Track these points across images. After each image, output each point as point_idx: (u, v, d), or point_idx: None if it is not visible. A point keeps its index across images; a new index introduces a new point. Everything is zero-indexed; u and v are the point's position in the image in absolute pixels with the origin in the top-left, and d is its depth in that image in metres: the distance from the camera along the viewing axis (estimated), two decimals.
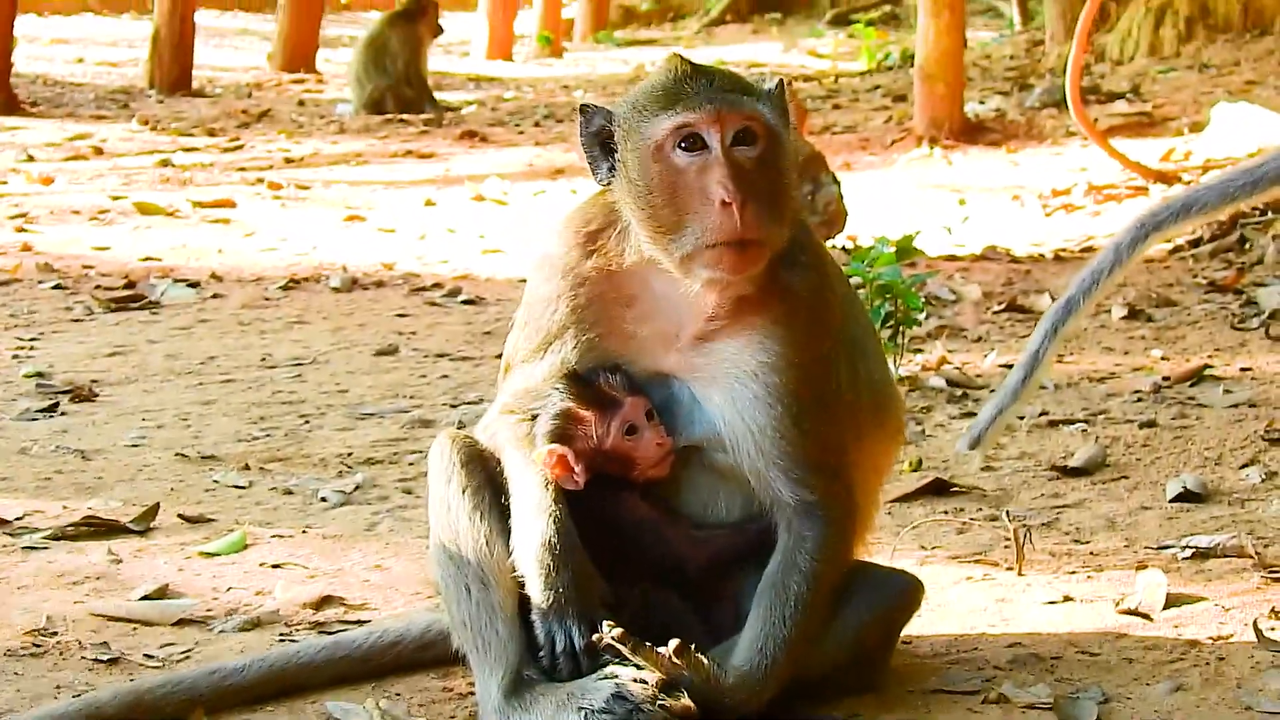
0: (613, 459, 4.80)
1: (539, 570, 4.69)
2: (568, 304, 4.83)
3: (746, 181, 4.55)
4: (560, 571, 4.66)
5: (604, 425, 4.78)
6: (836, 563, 4.77)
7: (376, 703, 4.90)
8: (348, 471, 7.38)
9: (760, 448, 4.72)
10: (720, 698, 4.58)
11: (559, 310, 4.85)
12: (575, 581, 4.67)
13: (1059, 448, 7.49)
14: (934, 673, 5.08)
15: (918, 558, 6.09)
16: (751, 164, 4.59)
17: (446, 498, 4.87)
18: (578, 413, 4.79)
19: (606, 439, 4.79)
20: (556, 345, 4.85)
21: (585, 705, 4.59)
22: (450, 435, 4.99)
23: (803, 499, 4.72)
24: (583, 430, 4.80)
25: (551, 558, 4.68)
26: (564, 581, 4.66)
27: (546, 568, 4.68)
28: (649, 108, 4.66)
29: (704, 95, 4.60)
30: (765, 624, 4.66)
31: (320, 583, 6.00)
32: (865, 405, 4.91)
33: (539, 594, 4.69)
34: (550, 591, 4.67)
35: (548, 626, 4.68)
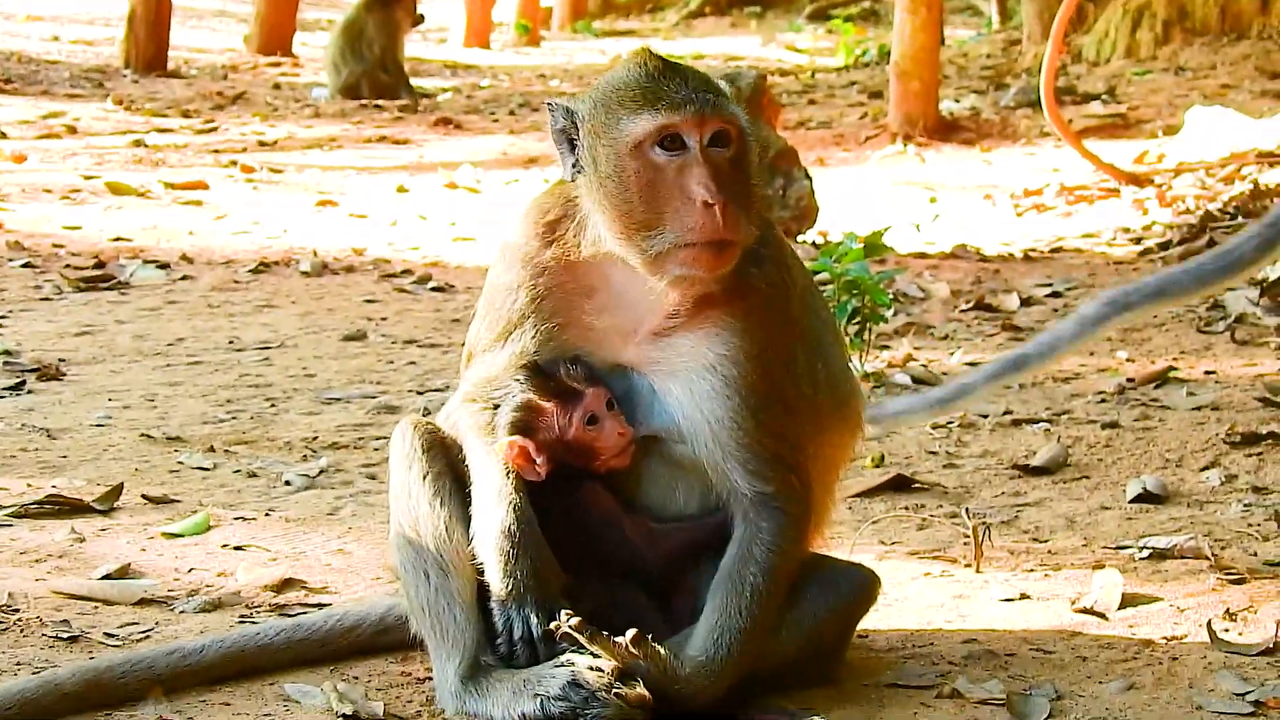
0: (574, 450, 4.83)
1: (498, 558, 4.72)
2: (527, 293, 4.86)
3: (724, 182, 4.59)
4: (519, 559, 4.70)
5: (565, 416, 4.81)
6: (792, 554, 4.81)
7: (334, 686, 4.92)
8: (312, 455, 7.40)
9: (718, 439, 4.76)
10: (676, 687, 4.62)
11: (519, 299, 4.88)
12: (534, 570, 4.70)
13: (1021, 446, 7.54)
14: (889, 667, 5.13)
15: (877, 552, 6.13)
16: (726, 165, 4.62)
17: (407, 484, 4.91)
18: (539, 404, 4.82)
19: (568, 430, 4.82)
20: (516, 334, 4.88)
21: (541, 692, 4.63)
22: (412, 422, 5.02)
23: (759, 491, 4.76)
24: (544, 421, 4.82)
25: (511, 545, 4.71)
26: (523, 569, 4.69)
27: (506, 555, 4.71)
28: (624, 105, 4.66)
29: (685, 96, 4.61)
30: (721, 615, 4.70)
31: (282, 565, 6.02)
32: (824, 398, 4.95)
33: (498, 582, 4.72)
34: (509, 579, 4.70)
35: (506, 614, 4.71)
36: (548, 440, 4.81)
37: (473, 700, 4.74)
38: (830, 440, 5.00)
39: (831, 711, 4.72)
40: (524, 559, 4.70)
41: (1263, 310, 10.09)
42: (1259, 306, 10.15)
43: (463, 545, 4.81)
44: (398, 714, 4.84)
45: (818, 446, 4.93)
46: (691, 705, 4.65)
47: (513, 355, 4.89)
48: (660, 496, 4.88)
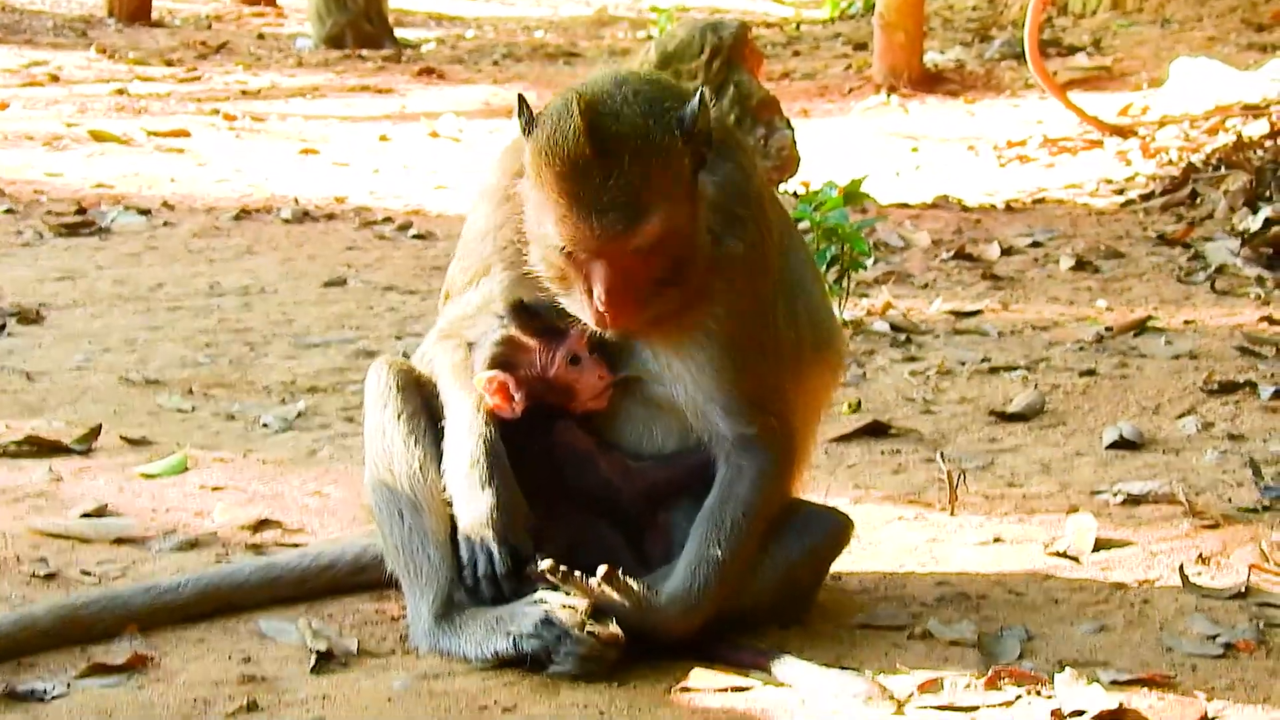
0: (554, 389, 4.83)
1: (465, 489, 4.73)
2: (502, 234, 4.86)
3: (628, 280, 4.52)
4: (485, 490, 4.71)
5: (548, 355, 4.82)
6: (774, 493, 4.83)
7: (309, 623, 4.93)
8: (291, 399, 7.41)
9: (698, 385, 4.76)
10: (650, 619, 4.63)
11: (496, 239, 4.88)
12: (500, 503, 4.71)
13: (998, 393, 7.56)
14: (861, 609, 5.15)
15: (852, 496, 6.15)
16: (641, 259, 4.53)
17: (382, 423, 4.92)
18: (522, 341, 4.82)
19: (550, 368, 4.82)
20: (493, 274, 4.89)
21: (514, 630, 4.65)
22: (388, 362, 5.03)
23: (741, 433, 4.77)
24: (526, 359, 4.83)
25: (478, 477, 4.72)
26: (488, 502, 4.71)
27: (472, 487, 4.72)
28: (543, 195, 4.52)
29: (593, 226, 4.44)
30: (701, 548, 4.71)
31: (259, 506, 6.03)
32: (805, 340, 4.95)
33: (463, 514, 4.74)
34: (474, 511, 4.72)
35: (470, 547, 4.73)
36: (528, 377, 4.82)
37: (446, 638, 4.76)
38: (812, 380, 5.00)
39: (804, 651, 4.73)
40: (489, 491, 4.71)
41: (1243, 261, 10.11)
42: (1239, 257, 10.17)
43: (436, 484, 4.82)
44: (372, 651, 4.86)
45: (799, 387, 4.94)
46: (665, 637, 4.66)
47: (488, 295, 4.89)
48: (636, 435, 4.89)
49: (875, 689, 4.48)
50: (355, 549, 5.30)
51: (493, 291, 4.89)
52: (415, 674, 4.67)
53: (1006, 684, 4.51)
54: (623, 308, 4.55)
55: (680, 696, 4.51)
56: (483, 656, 4.70)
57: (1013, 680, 4.53)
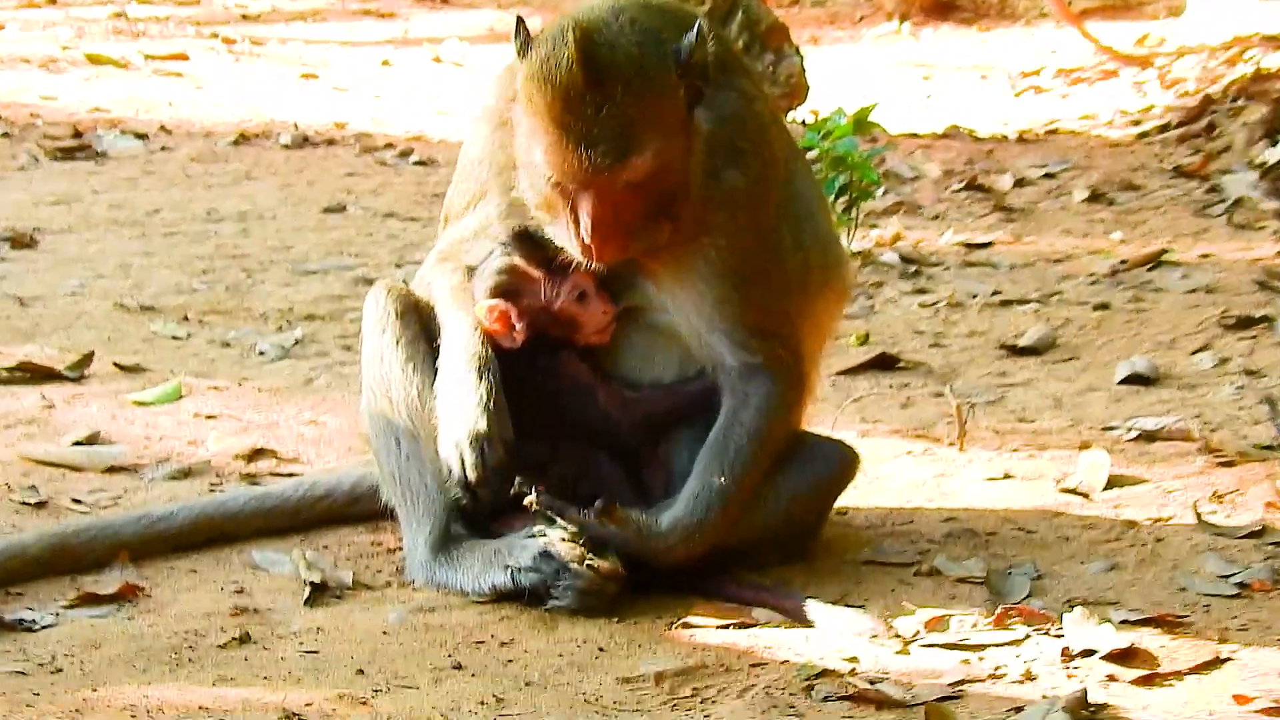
0: (557, 322, 4.78)
1: (451, 399, 4.67)
2: (502, 158, 4.79)
3: (616, 214, 4.46)
4: (469, 397, 4.64)
5: (553, 287, 4.76)
6: (779, 422, 4.78)
7: (303, 554, 4.90)
8: (288, 326, 7.37)
9: (701, 312, 4.71)
10: (650, 547, 4.60)
11: (492, 164, 4.82)
12: (488, 413, 4.62)
13: (1010, 327, 7.50)
14: (867, 544, 5.10)
15: (859, 430, 6.10)
16: (630, 194, 4.47)
17: (380, 349, 4.86)
18: (528, 271, 4.77)
19: (555, 301, 4.77)
20: (489, 199, 4.83)
21: (512, 563, 4.61)
22: (386, 287, 4.97)
23: (746, 361, 4.73)
24: (530, 289, 4.77)
25: (466, 388, 4.65)
26: (470, 406, 4.63)
27: (458, 394, 4.66)
28: (534, 122, 4.47)
29: (583, 158, 4.38)
30: (704, 476, 4.67)
31: (253, 435, 6.00)
32: (812, 267, 4.89)
33: (442, 420, 4.68)
34: (455, 418, 4.64)
35: (448, 452, 4.65)
36: (530, 308, 4.77)
37: (442, 570, 4.73)
38: (818, 308, 4.96)
39: (808, 587, 4.70)
40: (474, 397, 4.64)
41: (1262, 194, 10.02)
42: (1258, 190, 10.08)
43: (434, 409, 4.75)
44: (366, 583, 4.83)
45: (805, 315, 4.89)
46: (665, 563, 4.63)
47: (484, 219, 4.84)
48: (637, 363, 4.85)
49: (881, 626, 4.45)
50: (351, 479, 5.27)
51: (490, 216, 4.84)
52: (411, 607, 4.63)
53: (1015, 623, 4.47)
54: (608, 241, 4.49)
55: (681, 632, 4.47)
56: (480, 590, 4.66)
57: (1022, 619, 4.48)
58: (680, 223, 4.58)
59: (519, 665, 4.26)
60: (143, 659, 4.26)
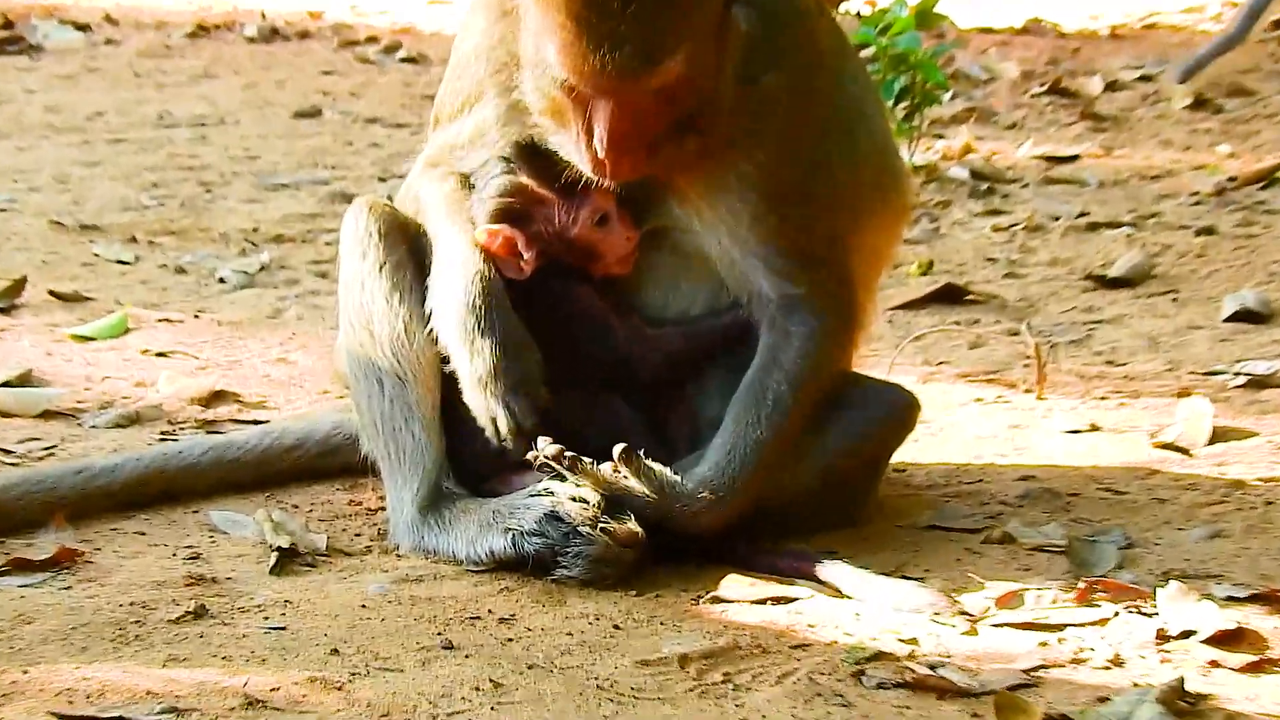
0: (573, 250, 4.77)
1: (463, 337, 4.66)
2: (502, 53, 4.76)
3: (639, 126, 4.43)
4: (488, 335, 4.64)
5: (569, 211, 4.74)
6: (825, 363, 4.77)
7: (269, 514, 4.90)
8: (252, 249, 7.38)
9: (735, 235, 4.70)
10: (675, 511, 4.59)
11: (490, 59, 4.79)
12: (508, 347, 4.63)
13: (1098, 254, 7.49)
14: (928, 507, 5.11)
15: (920, 374, 6.10)
16: (654, 103, 4.44)
17: (360, 276, 4.86)
18: (538, 192, 4.75)
19: (571, 228, 4.75)
20: (486, 100, 4.80)
21: (514, 526, 4.61)
22: (368, 203, 4.96)
23: (787, 293, 4.71)
24: (542, 213, 4.76)
25: (478, 320, 4.65)
26: (492, 348, 4.63)
27: (472, 332, 4.65)
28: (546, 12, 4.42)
29: (606, 61, 4.33)
30: (737, 427, 4.66)
31: (212, 375, 6.02)
32: (865, 182, 4.88)
33: (465, 367, 4.66)
34: (479, 362, 4.64)
35: (486, 403, 4.63)
36: (541, 235, 4.76)
37: (432, 534, 4.74)
38: (872, 228, 4.94)
39: (858, 556, 4.69)
40: (493, 335, 4.64)
41: None
42: None
43: (425, 348, 4.77)
44: (343, 549, 4.84)
45: (857, 237, 4.87)
46: (691, 526, 4.62)
47: (480, 124, 4.82)
48: (660, 294, 4.85)
49: (944, 601, 4.44)
50: (325, 426, 5.28)
51: (486, 122, 4.81)
52: (395, 577, 4.64)
53: (1101, 599, 4.46)
54: (626, 157, 4.47)
55: (710, 608, 4.47)
56: (475, 557, 4.67)
57: (1109, 594, 4.48)
58: (710, 135, 4.56)
59: (520, 645, 4.26)
60: (81, 635, 4.26)
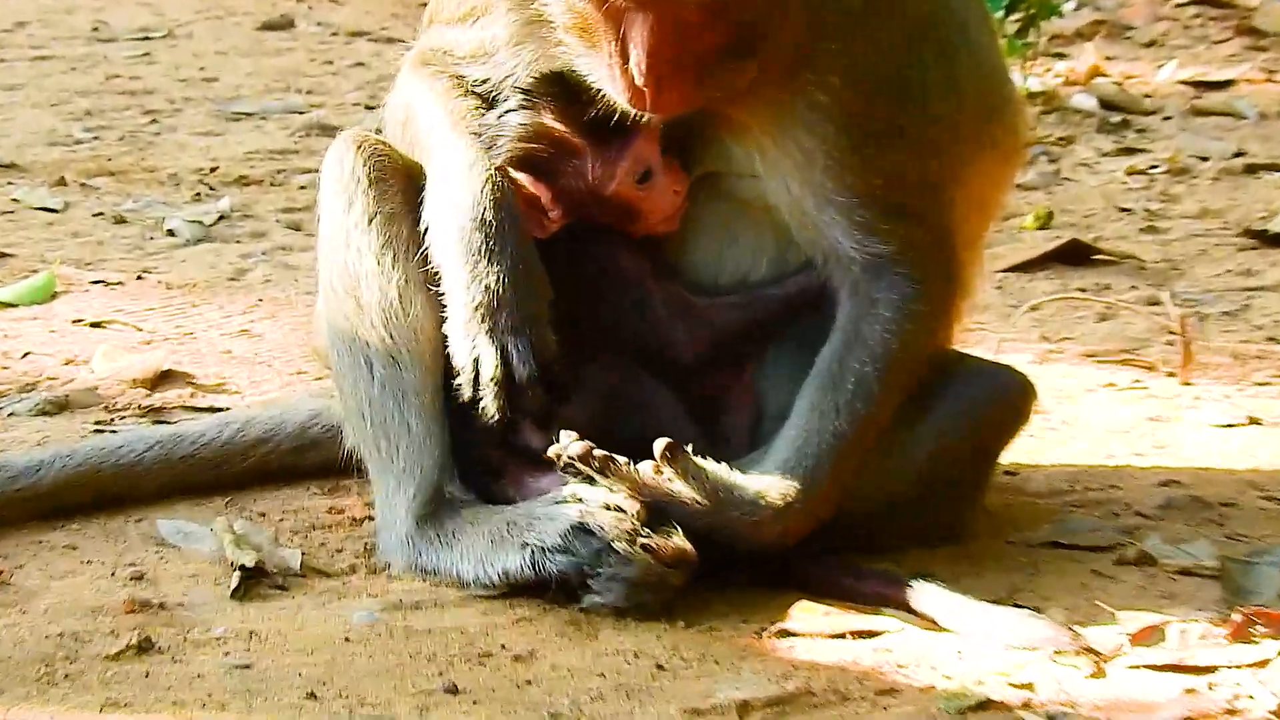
0: (608, 208, 4.77)
1: (460, 259, 4.65)
2: None
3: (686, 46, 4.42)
4: (492, 260, 4.63)
5: (606, 164, 4.73)
6: (920, 338, 4.76)
7: (230, 525, 4.92)
8: (209, 194, 7.39)
9: (808, 181, 4.68)
10: (733, 524, 4.56)
11: None
12: (514, 275, 4.63)
13: (1257, 203, 7.48)
14: (1047, 518, 5.10)
15: (1036, 352, 6.10)
16: (704, 14, 4.42)
17: (345, 229, 4.86)
18: (568, 139, 4.72)
19: (608, 183, 4.74)
20: (496, 12, 4.80)
21: (534, 541, 4.60)
22: (354, 139, 4.95)
23: (873, 252, 4.70)
24: (571, 164, 4.75)
25: (481, 242, 4.64)
26: (495, 274, 4.62)
27: (472, 255, 4.65)
28: None
29: None
30: (810, 419, 4.65)
31: (159, 351, 6.02)
32: (967, 113, 4.85)
33: (458, 294, 4.65)
34: (475, 289, 4.63)
35: (475, 340, 4.64)
36: (570, 189, 4.75)
37: (432, 550, 4.74)
38: (976, 172, 4.92)
39: (960, 579, 4.68)
40: (502, 256, 4.63)
41: None
42: None
43: (425, 319, 4.78)
44: (322, 569, 4.85)
45: (958, 183, 4.84)
46: (755, 542, 4.60)
47: (486, 41, 4.82)
48: (712, 255, 4.85)
49: (1066, 637, 4.43)
50: (300, 416, 5.31)
51: (495, 39, 4.81)
52: (385, 603, 4.65)
53: (1261, 634, 4.46)
54: (671, 84, 4.45)
55: (775, 643, 4.47)
56: (486, 579, 4.67)
57: (1270, 629, 4.47)
58: (774, 56, 4.56)
59: (541, 689, 4.27)
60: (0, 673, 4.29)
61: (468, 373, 4.65)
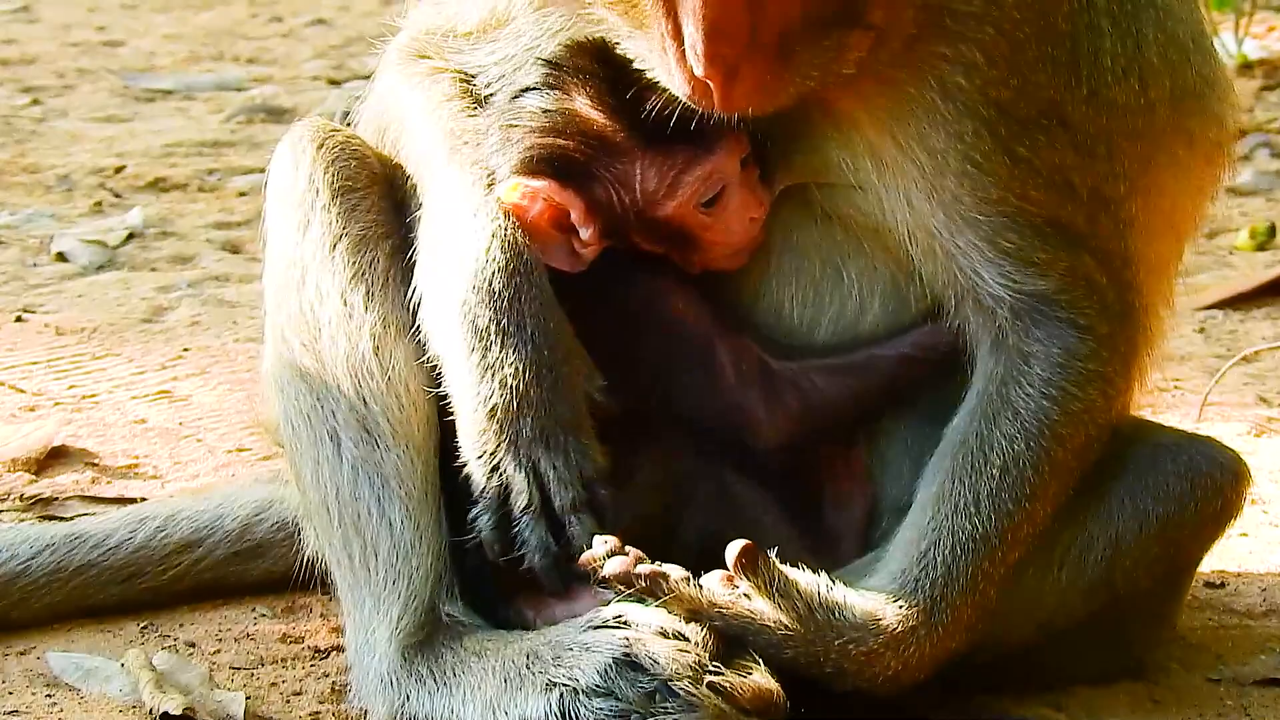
0: (660, 233, 4.85)
1: (469, 337, 4.73)
2: None
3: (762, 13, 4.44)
4: (513, 336, 4.70)
5: (663, 175, 4.80)
6: (1089, 408, 4.82)
7: (148, 658, 5.01)
8: (114, 204, 7.43)
9: (937, 194, 4.76)
10: (837, 649, 4.64)
11: None
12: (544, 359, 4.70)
13: None
14: (1263, 646, 5.19)
15: (1251, 420, 6.18)
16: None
17: (301, 257, 4.97)
18: (610, 134, 4.79)
19: (665, 202, 4.81)
20: None
21: (564, 680, 4.67)
22: (314, 133, 5.07)
23: (1026, 290, 4.78)
24: (612, 166, 4.80)
25: (495, 312, 4.71)
26: (523, 356, 4.70)
27: (486, 330, 4.72)
28: None
29: None
30: (943, 509, 4.73)
31: (48, 420, 6.15)
32: (1157, 97, 4.92)
33: (469, 388, 4.73)
34: (492, 377, 4.71)
35: (496, 457, 4.72)
36: (609, 203, 4.81)
37: (424, 692, 4.81)
38: (1166, 177, 5.00)
39: None
40: (521, 335, 4.71)
41: None
42: None
43: (410, 379, 4.88)
44: (274, 717, 4.92)
45: (1141, 193, 4.91)
46: (865, 680, 4.68)
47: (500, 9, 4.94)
48: (800, 300, 4.94)
49: None
50: (241, 510, 5.44)
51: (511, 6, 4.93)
52: None
53: None
54: (745, 71, 4.50)
55: None
56: None
57: None
58: (891, 28, 4.64)
59: None
60: None
61: (491, 504, 4.74)
